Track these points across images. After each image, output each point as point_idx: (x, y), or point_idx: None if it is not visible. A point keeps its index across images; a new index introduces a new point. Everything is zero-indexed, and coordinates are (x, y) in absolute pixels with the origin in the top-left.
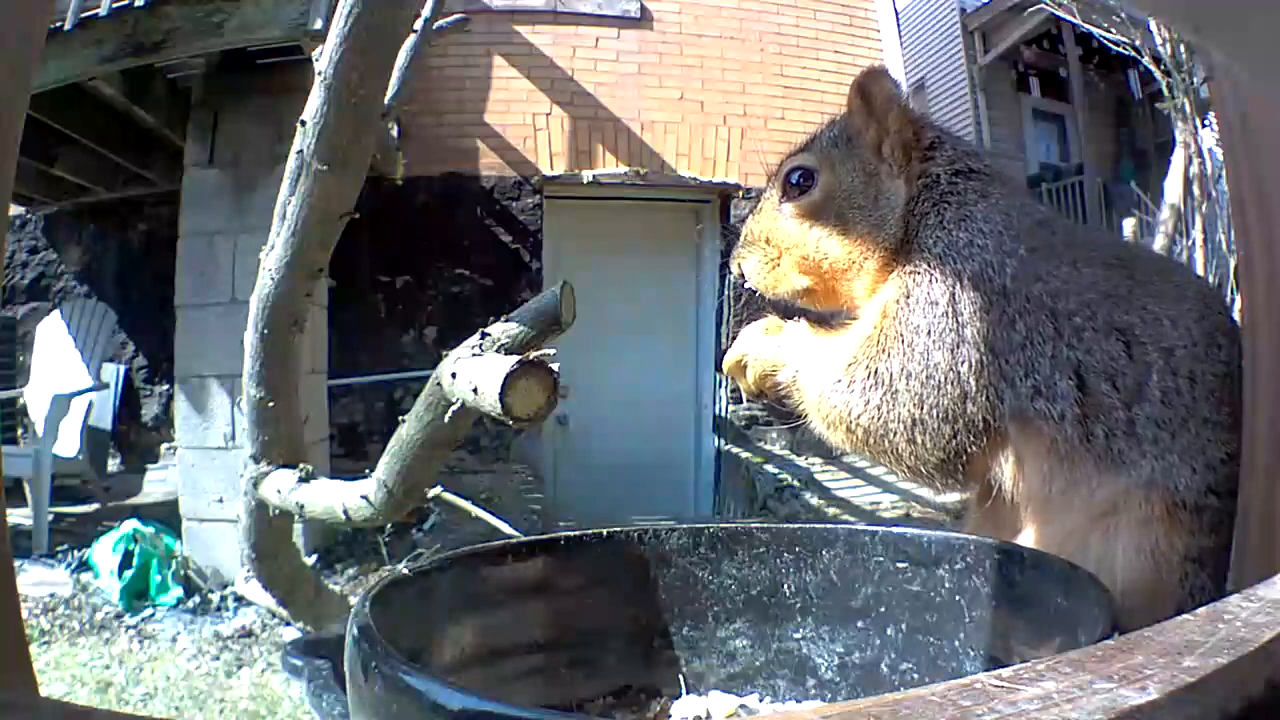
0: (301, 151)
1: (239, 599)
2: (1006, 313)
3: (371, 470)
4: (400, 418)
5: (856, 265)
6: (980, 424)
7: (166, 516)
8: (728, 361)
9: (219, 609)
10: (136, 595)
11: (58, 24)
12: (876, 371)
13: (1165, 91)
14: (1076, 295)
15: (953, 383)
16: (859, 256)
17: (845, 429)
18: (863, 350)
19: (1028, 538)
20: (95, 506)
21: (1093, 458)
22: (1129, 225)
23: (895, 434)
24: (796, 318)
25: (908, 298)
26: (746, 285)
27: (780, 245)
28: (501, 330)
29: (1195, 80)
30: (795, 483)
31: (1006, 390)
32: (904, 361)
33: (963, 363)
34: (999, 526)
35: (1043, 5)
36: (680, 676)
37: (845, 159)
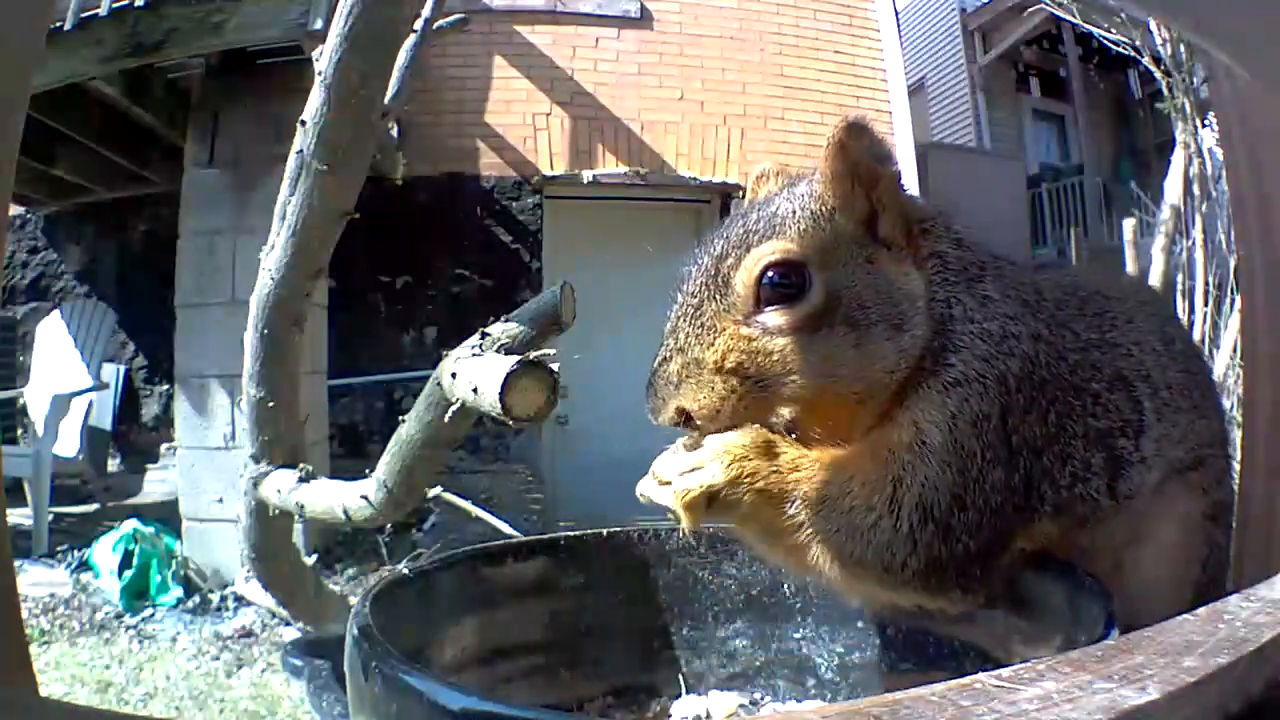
0: (301, 151)
1: (239, 599)
2: (1041, 404)
3: (371, 470)
4: (400, 418)
5: (881, 385)
6: (1021, 532)
7: (166, 516)
8: (686, 493)
9: (219, 609)
10: (136, 595)
11: (58, 24)
12: (923, 503)
13: (1165, 91)
14: (1085, 361)
15: (1008, 501)
16: (882, 373)
17: (883, 569)
18: (910, 478)
19: None
20: (95, 506)
21: (1116, 505)
22: (1129, 225)
23: (947, 571)
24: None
25: (954, 418)
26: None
27: (763, 373)
28: (501, 330)
29: (1195, 80)
30: None
31: (1048, 488)
32: (955, 490)
33: (1015, 474)
34: None
35: (1043, 5)
36: (680, 676)
37: (838, 245)
